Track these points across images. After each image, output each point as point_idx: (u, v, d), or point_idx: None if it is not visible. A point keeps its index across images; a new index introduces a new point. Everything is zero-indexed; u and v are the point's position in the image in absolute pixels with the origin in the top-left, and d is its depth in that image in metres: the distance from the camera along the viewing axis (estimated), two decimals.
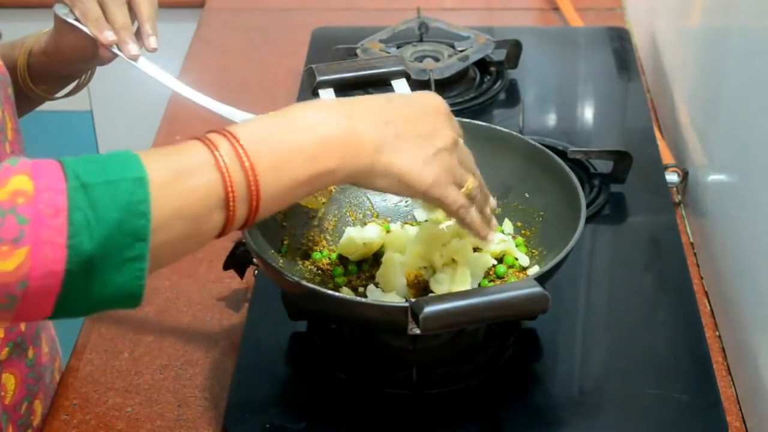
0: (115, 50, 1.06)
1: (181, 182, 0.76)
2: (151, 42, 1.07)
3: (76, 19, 1.06)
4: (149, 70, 1.07)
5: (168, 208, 0.74)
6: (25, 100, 1.15)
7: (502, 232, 1.14)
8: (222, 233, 0.80)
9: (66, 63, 1.13)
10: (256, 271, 1.20)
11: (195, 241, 0.79)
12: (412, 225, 1.15)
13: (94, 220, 0.70)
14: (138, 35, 1.08)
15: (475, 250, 1.09)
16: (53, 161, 0.73)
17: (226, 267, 1.20)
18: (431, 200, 0.91)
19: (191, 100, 1.07)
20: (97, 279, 0.72)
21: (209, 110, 1.07)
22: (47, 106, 1.22)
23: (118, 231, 0.71)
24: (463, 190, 0.93)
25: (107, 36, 1.05)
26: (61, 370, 1.15)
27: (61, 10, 1.07)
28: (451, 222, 1.05)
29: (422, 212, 1.14)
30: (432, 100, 0.93)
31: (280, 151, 0.81)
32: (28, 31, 1.17)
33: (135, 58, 1.06)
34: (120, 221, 0.71)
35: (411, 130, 0.88)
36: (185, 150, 0.78)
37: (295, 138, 0.82)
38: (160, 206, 0.74)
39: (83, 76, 1.19)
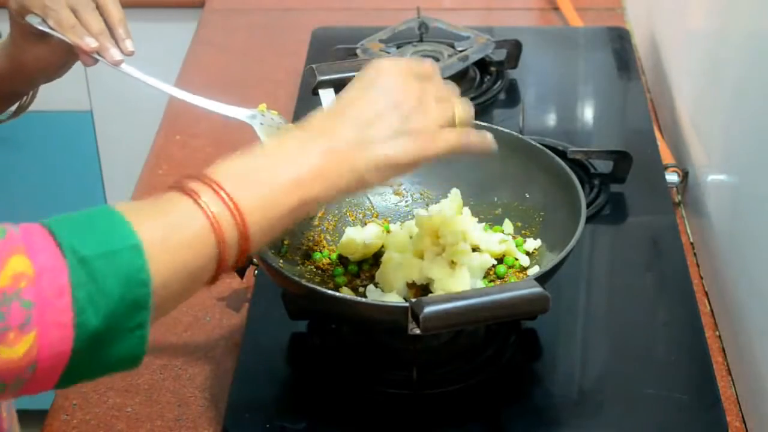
0: (97, 56, 1.04)
1: (172, 241, 0.74)
2: (128, 45, 1.05)
3: (51, 29, 1.03)
4: (133, 72, 1.06)
5: (164, 269, 0.73)
6: None
7: (503, 232, 1.14)
8: (214, 280, 0.79)
9: (23, 79, 1.09)
10: (256, 271, 1.20)
11: (190, 293, 0.78)
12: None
13: (98, 295, 0.69)
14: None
15: (475, 250, 1.09)
16: (40, 228, 0.70)
17: None
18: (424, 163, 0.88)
19: (181, 99, 1.06)
20: (102, 352, 0.71)
21: (199, 107, 1.06)
22: (47, 106, 1.20)
23: (122, 303, 0.70)
24: (457, 122, 0.91)
25: (89, 43, 1.02)
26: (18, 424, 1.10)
27: (33, 20, 1.03)
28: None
29: (423, 211, 1.14)
30: (382, 70, 0.88)
31: (264, 188, 0.79)
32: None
33: (118, 63, 1.04)
34: (122, 293, 0.70)
35: (381, 120, 0.84)
36: (170, 204, 0.76)
37: (276, 172, 0.80)
38: (156, 269, 0.72)
39: (25, 97, 1.14)
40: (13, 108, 1.14)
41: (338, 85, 1.12)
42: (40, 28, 1.03)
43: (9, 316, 0.66)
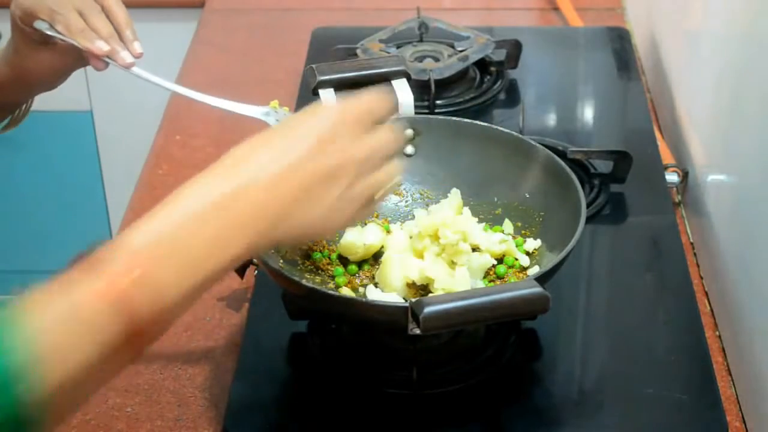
0: (108, 60, 1.04)
1: (69, 341, 0.68)
2: (137, 47, 1.05)
3: (60, 34, 1.02)
4: (144, 74, 1.06)
5: (59, 376, 0.67)
6: None
7: (503, 232, 1.14)
8: (125, 366, 0.73)
9: (24, 87, 1.08)
10: (256, 271, 1.20)
11: (98, 387, 0.72)
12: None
13: None
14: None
15: (475, 250, 1.09)
16: None
17: None
18: None
19: (191, 98, 1.06)
20: None
21: (207, 105, 1.05)
22: (47, 106, 1.21)
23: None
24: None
25: (101, 47, 1.02)
26: None
27: (41, 26, 1.03)
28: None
29: (423, 211, 1.14)
30: (320, 120, 0.81)
31: (181, 261, 0.73)
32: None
33: (130, 66, 1.04)
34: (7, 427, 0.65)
35: (304, 180, 0.78)
36: (69, 294, 0.69)
37: (192, 243, 0.74)
38: (50, 377, 0.66)
39: (18, 110, 1.14)
40: (6, 121, 1.13)
41: (338, 85, 1.12)
42: (49, 33, 1.02)
43: None
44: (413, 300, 0.90)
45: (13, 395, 0.65)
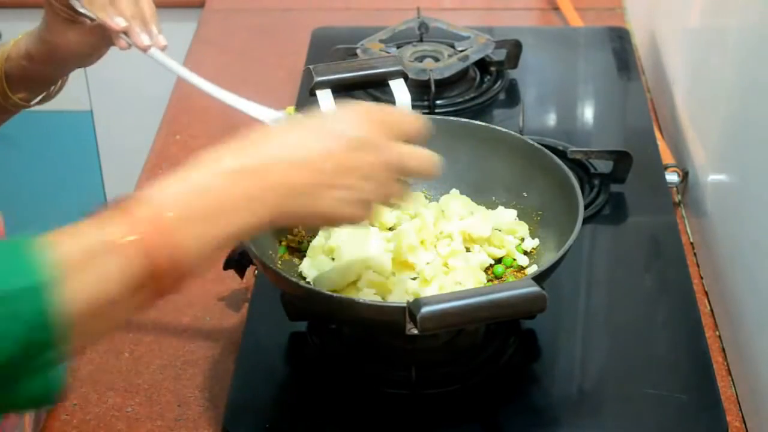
0: (125, 38, 1.07)
1: (94, 269, 0.70)
2: (161, 40, 1.08)
3: (85, 8, 1.06)
4: (160, 58, 1.08)
5: (80, 301, 0.69)
6: None
7: (515, 234, 1.14)
8: (144, 308, 0.74)
9: (54, 64, 1.11)
10: (256, 271, 1.20)
11: (118, 320, 0.74)
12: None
13: None
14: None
15: (468, 250, 1.10)
16: None
17: (226, 267, 1.20)
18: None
19: (202, 89, 1.07)
20: (9, 390, 0.68)
21: (219, 101, 1.06)
22: (47, 106, 1.21)
23: (23, 346, 0.67)
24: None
25: (118, 22, 1.05)
26: (31, 424, 1.09)
27: (73, 1, 1.06)
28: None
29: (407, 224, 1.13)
30: (355, 117, 0.84)
31: (204, 213, 0.75)
32: (20, 30, 1.16)
33: (146, 49, 1.06)
34: (23, 337, 0.67)
35: (332, 167, 0.81)
36: (99, 229, 0.72)
37: (218, 198, 0.76)
38: (72, 301, 0.68)
39: (53, 86, 1.16)
40: (41, 96, 1.16)
41: (336, 86, 1.12)
42: (76, 8, 1.06)
43: None
44: (411, 300, 0.90)
45: (38, 309, 0.67)
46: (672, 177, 1.40)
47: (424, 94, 1.50)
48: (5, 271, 0.68)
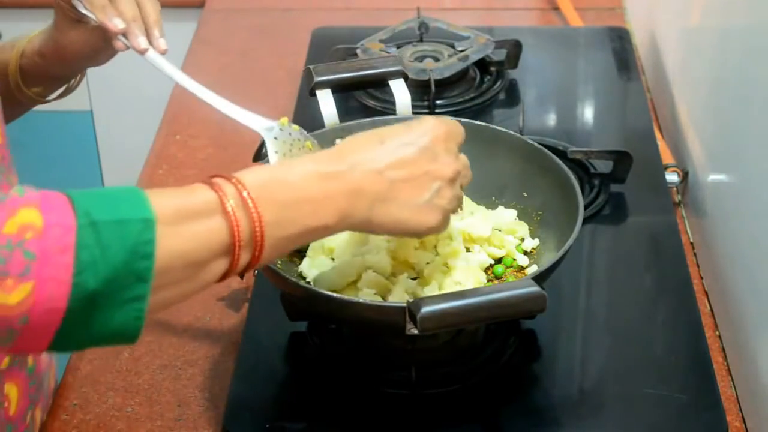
0: (123, 40, 1.07)
1: (187, 226, 0.76)
2: (161, 44, 1.08)
3: (86, 9, 1.07)
4: (157, 62, 1.08)
5: (172, 251, 0.74)
6: (14, 105, 1.14)
7: (515, 234, 1.14)
8: (222, 279, 0.80)
9: (64, 62, 1.13)
10: (256, 271, 1.20)
11: (195, 285, 0.79)
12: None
13: (101, 259, 0.70)
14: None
15: (468, 250, 1.10)
16: (61, 194, 0.73)
17: None
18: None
19: (196, 96, 1.06)
20: (98, 317, 0.72)
21: (213, 108, 1.06)
22: (47, 106, 1.21)
23: (123, 271, 0.71)
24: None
25: (116, 23, 1.06)
26: (55, 377, 1.14)
27: (76, 2, 1.07)
28: None
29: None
30: (427, 129, 0.91)
31: (285, 201, 0.81)
32: (28, 31, 1.16)
33: (143, 52, 1.07)
34: (125, 262, 0.71)
35: (407, 175, 0.87)
36: (193, 193, 0.78)
37: (299, 191, 0.82)
38: (164, 248, 0.73)
39: (73, 80, 1.19)
40: (61, 90, 1.19)
41: (336, 86, 1.12)
42: (78, 8, 1.07)
43: (9, 263, 0.68)
44: (411, 300, 0.90)
45: (144, 239, 0.72)
46: (672, 177, 1.40)
47: (424, 94, 1.50)
48: (122, 202, 0.73)
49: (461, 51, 1.57)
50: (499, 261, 1.11)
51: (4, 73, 1.13)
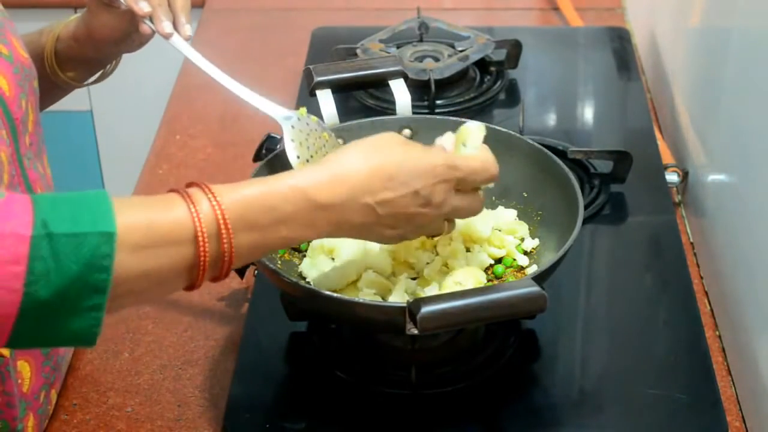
0: (149, 24, 1.08)
1: (153, 248, 0.77)
2: (187, 30, 1.10)
3: None
4: (182, 48, 1.09)
5: (134, 268, 0.76)
6: (53, 89, 1.16)
7: (515, 234, 1.14)
8: (190, 288, 0.82)
9: (96, 46, 1.14)
10: (256, 271, 1.20)
11: (157, 295, 0.81)
12: None
13: (54, 271, 0.72)
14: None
15: (468, 250, 1.09)
16: (27, 200, 0.73)
17: None
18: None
19: (219, 82, 1.08)
20: (51, 323, 0.74)
21: (234, 95, 1.07)
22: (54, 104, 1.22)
23: (78, 283, 0.73)
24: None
25: (142, 7, 1.06)
26: (69, 361, 1.14)
27: None
28: None
29: None
30: (431, 168, 0.92)
31: (263, 225, 0.82)
32: (28, 31, 1.17)
33: (168, 36, 1.08)
34: (80, 274, 0.73)
35: (394, 213, 0.90)
36: (165, 210, 0.79)
37: (281, 213, 0.84)
38: (125, 264, 0.75)
39: (109, 65, 1.20)
40: (98, 75, 1.21)
41: (336, 86, 1.12)
42: None
43: None
44: (411, 300, 0.90)
45: (101, 253, 0.73)
46: (672, 177, 1.40)
47: (424, 94, 1.50)
48: (84, 213, 0.74)
49: (461, 51, 1.57)
50: (499, 261, 1.11)
51: (41, 57, 1.14)
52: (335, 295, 0.98)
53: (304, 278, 1.08)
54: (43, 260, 0.71)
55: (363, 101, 1.53)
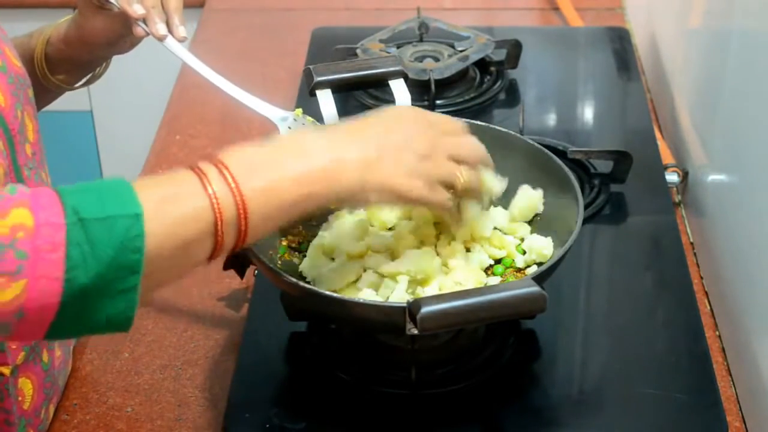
0: (143, 26, 1.08)
1: (170, 210, 0.78)
2: (181, 31, 1.09)
3: None
4: (176, 50, 1.09)
5: (159, 238, 0.77)
6: (43, 92, 1.16)
7: (515, 235, 1.14)
8: (211, 257, 0.83)
9: (87, 48, 1.14)
10: (256, 271, 1.20)
11: (185, 266, 0.82)
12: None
13: (91, 256, 0.73)
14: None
15: (469, 250, 1.09)
16: (51, 191, 0.75)
17: (226, 267, 1.19)
18: (418, 206, 0.95)
19: (214, 84, 1.08)
20: (90, 309, 0.75)
21: (230, 96, 1.07)
22: (47, 105, 1.22)
23: (113, 266, 0.74)
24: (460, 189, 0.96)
25: (136, 9, 1.06)
26: (67, 374, 1.14)
27: None
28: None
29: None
30: (404, 111, 0.97)
31: (268, 176, 0.83)
32: (27, 31, 1.17)
33: (162, 39, 1.08)
34: (115, 256, 0.74)
35: (397, 152, 0.91)
36: (175, 179, 0.81)
37: (283, 164, 0.85)
38: (152, 237, 0.76)
39: (99, 67, 1.21)
40: (87, 77, 1.21)
41: (336, 86, 1.12)
42: None
43: (2, 262, 0.71)
44: (411, 300, 0.90)
45: (133, 234, 0.74)
46: (672, 177, 1.40)
47: (424, 94, 1.50)
48: (110, 198, 0.75)
49: (461, 51, 1.57)
50: (499, 261, 1.11)
51: (31, 61, 1.14)
52: (335, 295, 0.98)
53: (304, 278, 1.08)
54: (79, 246, 0.72)
55: (363, 101, 1.53)
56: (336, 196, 0.88)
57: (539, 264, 1.08)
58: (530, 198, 1.12)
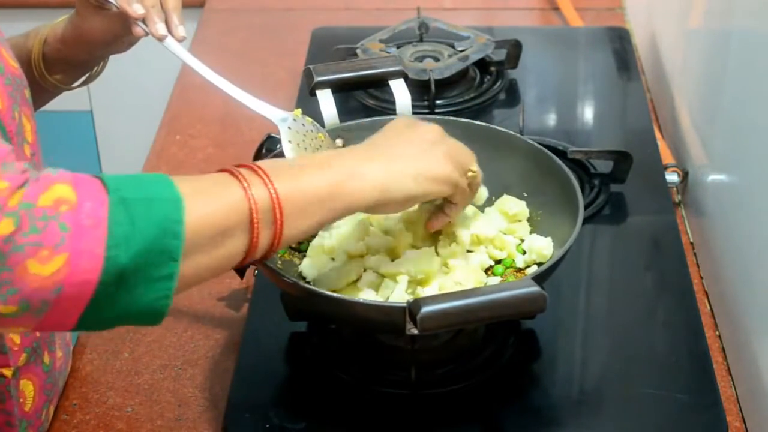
0: (142, 26, 1.08)
1: (207, 201, 0.79)
2: (180, 31, 1.09)
3: None
4: (176, 50, 1.09)
5: (196, 226, 0.77)
6: (39, 92, 1.16)
7: (515, 234, 1.14)
8: (247, 257, 0.83)
9: (85, 48, 1.14)
10: (256, 271, 1.20)
11: (220, 261, 0.81)
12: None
13: (132, 235, 0.73)
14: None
15: (469, 251, 1.09)
16: (91, 175, 0.75)
17: None
18: (447, 191, 0.96)
19: (213, 84, 1.08)
20: (128, 293, 0.74)
21: (229, 96, 1.07)
22: (47, 106, 1.22)
23: (153, 248, 0.74)
24: (469, 174, 0.99)
25: (136, 9, 1.06)
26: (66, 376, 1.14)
27: None
28: None
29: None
30: (410, 123, 0.99)
31: (298, 174, 0.85)
32: (26, 31, 1.17)
33: (162, 38, 1.08)
34: (156, 239, 0.74)
35: (415, 145, 0.95)
36: (209, 176, 0.83)
37: (310, 167, 0.87)
38: (190, 225, 0.76)
39: (96, 67, 1.20)
40: (84, 77, 1.21)
41: (336, 86, 1.12)
42: None
43: (45, 234, 0.70)
44: (411, 300, 0.90)
45: (173, 218, 0.75)
46: (672, 177, 1.40)
47: (424, 94, 1.50)
48: (150, 183, 0.76)
49: (461, 51, 1.57)
50: (499, 261, 1.11)
51: (28, 61, 1.14)
52: (335, 295, 0.98)
53: (304, 278, 1.08)
54: (121, 224, 0.72)
55: (363, 101, 1.53)
56: (361, 209, 0.90)
57: (539, 264, 1.08)
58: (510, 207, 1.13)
